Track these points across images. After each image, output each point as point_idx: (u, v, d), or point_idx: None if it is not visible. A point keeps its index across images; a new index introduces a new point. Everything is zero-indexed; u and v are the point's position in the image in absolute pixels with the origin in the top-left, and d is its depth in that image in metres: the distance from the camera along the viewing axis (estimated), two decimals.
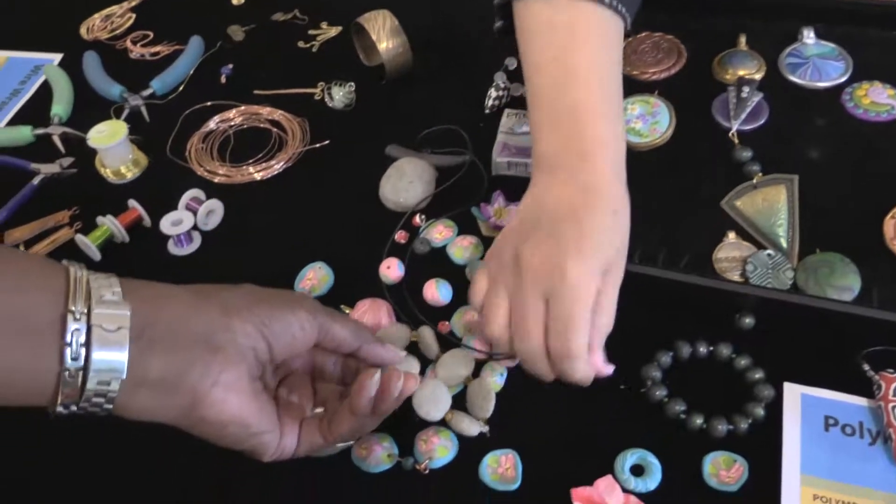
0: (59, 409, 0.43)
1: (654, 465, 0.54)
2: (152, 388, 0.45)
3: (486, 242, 0.69)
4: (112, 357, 0.43)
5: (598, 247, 0.52)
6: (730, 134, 0.68)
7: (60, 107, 0.86)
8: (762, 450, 0.55)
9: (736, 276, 0.62)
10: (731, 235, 0.64)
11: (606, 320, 0.53)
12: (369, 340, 0.55)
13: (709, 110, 0.70)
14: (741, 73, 0.72)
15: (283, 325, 0.50)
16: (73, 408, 0.44)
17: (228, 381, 0.47)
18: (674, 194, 0.67)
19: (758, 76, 0.71)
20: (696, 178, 0.67)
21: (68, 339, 0.42)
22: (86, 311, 0.43)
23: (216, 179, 0.78)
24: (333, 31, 0.93)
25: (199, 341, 0.46)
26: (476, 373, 0.60)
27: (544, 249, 0.52)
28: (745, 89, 0.69)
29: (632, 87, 0.73)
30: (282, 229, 0.73)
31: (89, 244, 0.71)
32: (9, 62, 0.96)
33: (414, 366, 0.60)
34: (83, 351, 0.42)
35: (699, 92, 0.72)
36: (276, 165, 0.78)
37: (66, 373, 0.42)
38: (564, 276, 0.50)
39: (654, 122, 0.70)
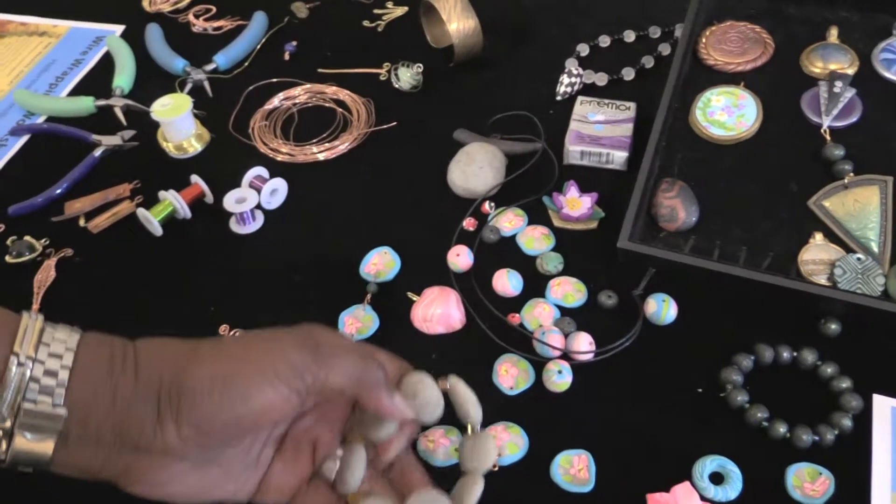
0: None
1: (734, 473, 0.52)
2: (78, 471, 0.43)
3: (557, 233, 0.67)
4: (32, 455, 0.41)
5: None
6: (822, 130, 0.65)
7: (123, 79, 0.85)
8: (850, 463, 0.52)
9: (822, 280, 0.59)
10: (819, 237, 0.61)
11: None
12: (375, 384, 0.45)
13: (797, 105, 0.67)
14: (832, 66, 0.68)
15: (247, 407, 0.42)
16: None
17: (155, 482, 0.43)
18: (758, 191, 0.64)
19: (850, 71, 0.68)
20: (782, 175, 0.64)
21: None
22: (13, 415, 0.40)
23: (279, 158, 0.76)
24: (399, 11, 0.91)
25: (124, 446, 0.42)
26: (539, 377, 0.58)
27: None
28: (838, 84, 0.66)
29: (716, 77, 0.70)
30: (345, 212, 0.71)
31: (151, 219, 0.69)
32: (70, 32, 0.95)
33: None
34: (3, 444, 0.40)
35: (787, 85, 0.69)
36: (341, 146, 0.77)
37: None
38: None
39: (741, 114, 0.66)
